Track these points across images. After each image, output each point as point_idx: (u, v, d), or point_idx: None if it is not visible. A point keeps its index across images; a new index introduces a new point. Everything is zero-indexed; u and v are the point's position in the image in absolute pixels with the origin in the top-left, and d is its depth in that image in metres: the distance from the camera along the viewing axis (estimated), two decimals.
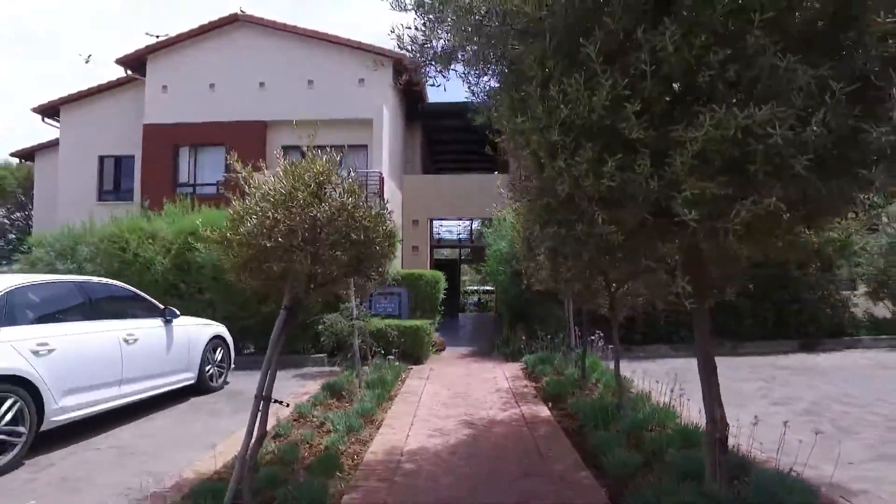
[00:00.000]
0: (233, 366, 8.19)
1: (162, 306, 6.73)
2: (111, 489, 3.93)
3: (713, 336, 3.76)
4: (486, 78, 3.68)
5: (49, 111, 18.41)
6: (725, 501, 3.10)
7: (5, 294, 4.73)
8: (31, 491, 3.93)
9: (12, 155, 21.00)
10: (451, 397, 6.79)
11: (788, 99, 2.13)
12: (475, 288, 35.65)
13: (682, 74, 2.24)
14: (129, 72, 17.57)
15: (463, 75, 3.76)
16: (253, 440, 3.50)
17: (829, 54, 2.15)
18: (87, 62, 18.27)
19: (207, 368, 7.37)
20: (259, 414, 3.53)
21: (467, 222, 23.24)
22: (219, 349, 7.72)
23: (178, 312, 6.83)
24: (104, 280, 6.52)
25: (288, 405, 4.17)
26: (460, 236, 26.82)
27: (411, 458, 4.46)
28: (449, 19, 3.16)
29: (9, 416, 4.34)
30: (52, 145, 19.39)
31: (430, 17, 3.41)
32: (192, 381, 7.05)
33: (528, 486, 3.79)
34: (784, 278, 10.03)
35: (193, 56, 17.12)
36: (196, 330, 7.22)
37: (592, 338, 7.87)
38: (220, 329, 7.88)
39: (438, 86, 4.21)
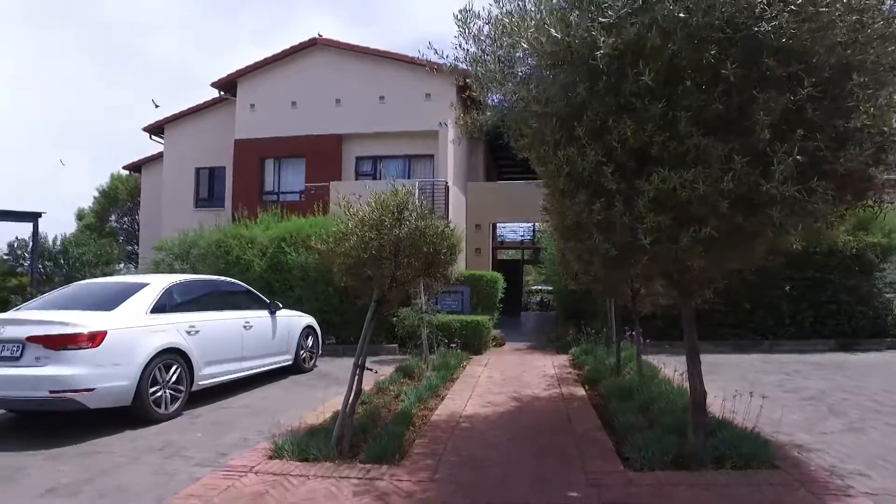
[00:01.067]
0: (320, 352, 9.72)
1: (268, 300, 8.30)
2: (248, 430, 5.42)
3: (757, 333, 4.80)
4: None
5: (155, 130, 20.89)
6: (694, 446, 4.19)
7: (167, 289, 6.37)
8: (195, 429, 5.49)
9: (124, 168, 23.77)
10: (504, 380, 8.02)
11: (709, 164, 3.25)
12: (539, 288, 36.17)
13: (639, 148, 3.39)
14: (222, 93, 19.74)
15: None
16: (352, 396, 4.87)
17: (737, 134, 3.25)
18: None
19: (301, 353, 8.89)
20: (356, 377, 4.89)
21: (530, 224, 24.27)
22: (310, 337, 9.25)
23: (280, 305, 8.39)
24: (227, 278, 8.17)
25: (376, 372, 5.52)
26: (523, 237, 27.89)
27: (467, 420, 5.73)
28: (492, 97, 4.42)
29: (174, 377, 5.95)
30: (156, 158, 21.91)
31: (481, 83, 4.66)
32: (290, 363, 8.58)
33: (555, 438, 4.98)
34: (823, 281, 10.63)
35: (277, 77, 19.03)
36: (294, 321, 8.77)
37: (633, 333, 8.87)
38: (311, 320, 9.41)
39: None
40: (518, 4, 3.84)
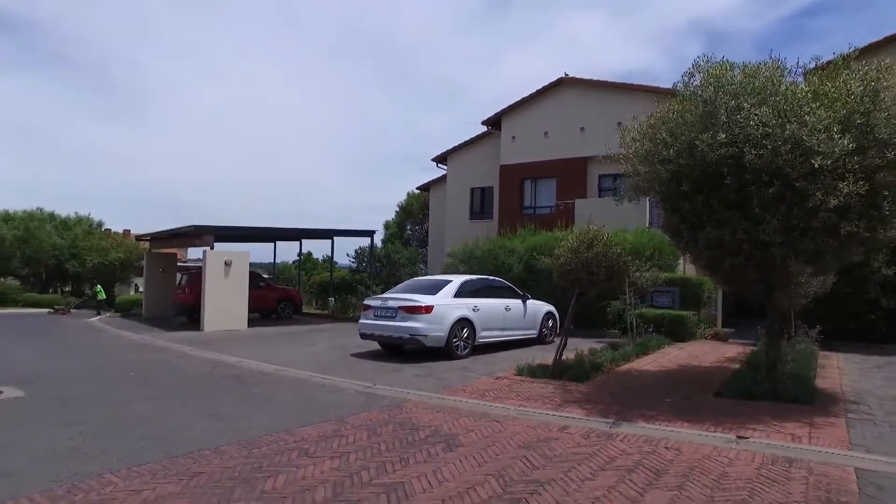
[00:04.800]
0: (558, 331, 13.50)
1: (521, 292, 12.41)
2: (505, 365, 9.52)
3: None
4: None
5: (440, 159, 27.06)
6: (763, 386, 6.88)
7: (462, 283, 10.92)
8: (476, 364, 9.83)
9: (417, 188, 30.86)
10: (686, 357, 10.81)
11: (730, 225, 6.19)
12: None
13: (696, 215, 6.44)
14: (489, 128, 24.86)
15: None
16: (561, 347, 8.60)
17: (744, 209, 6.11)
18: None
19: (543, 330, 12.78)
20: (565, 337, 8.61)
21: None
22: (550, 319, 13.10)
23: (529, 296, 12.46)
24: (495, 277, 12.56)
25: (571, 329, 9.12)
26: None
27: (637, 372, 8.98)
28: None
29: (466, 335, 10.42)
30: (440, 181, 28.15)
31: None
32: (534, 336, 12.55)
33: (685, 383, 8.00)
34: None
35: (532, 112, 23.36)
36: (539, 307, 12.74)
37: (809, 331, 10.75)
38: (552, 308, 13.25)
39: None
40: (639, 135, 7.12)
